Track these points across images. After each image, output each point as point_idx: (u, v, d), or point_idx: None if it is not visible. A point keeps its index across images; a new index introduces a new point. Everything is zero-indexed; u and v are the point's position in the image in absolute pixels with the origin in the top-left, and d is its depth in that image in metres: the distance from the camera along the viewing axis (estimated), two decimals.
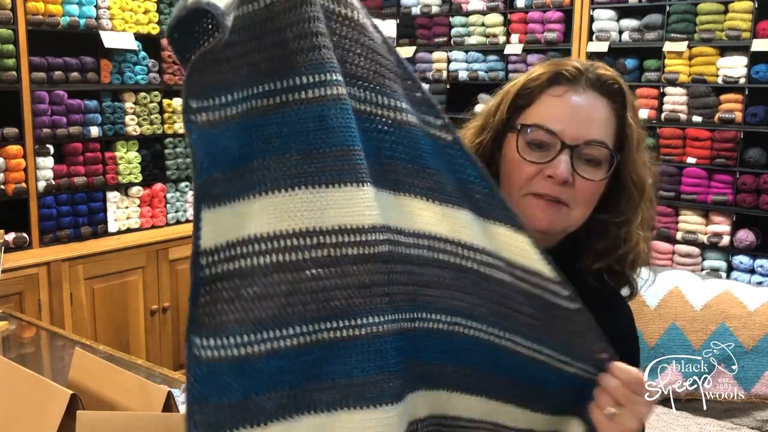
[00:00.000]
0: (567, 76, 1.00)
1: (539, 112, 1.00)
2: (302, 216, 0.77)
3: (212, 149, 0.75)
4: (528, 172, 0.98)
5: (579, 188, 0.97)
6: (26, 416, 1.04)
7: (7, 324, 2.27)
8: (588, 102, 0.99)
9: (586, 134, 0.97)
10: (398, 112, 0.82)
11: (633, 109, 1.02)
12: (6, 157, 3.09)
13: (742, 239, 3.39)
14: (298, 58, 0.77)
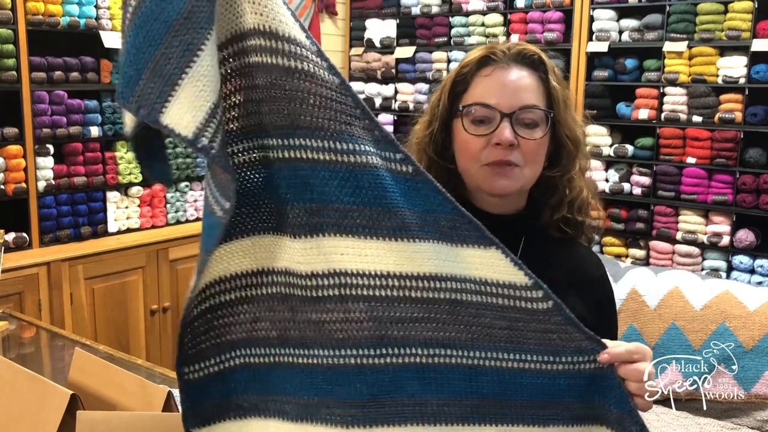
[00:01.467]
0: (493, 58, 1.15)
1: (475, 93, 1.15)
2: (258, 257, 0.94)
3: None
4: (478, 145, 1.12)
5: (524, 149, 1.12)
6: (26, 416, 1.04)
7: (7, 324, 2.26)
8: (515, 75, 1.14)
9: (519, 101, 1.12)
10: (357, 155, 0.86)
11: (555, 74, 1.16)
12: (6, 157, 3.09)
13: (742, 239, 3.39)
14: (233, 125, 0.91)
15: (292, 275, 0.90)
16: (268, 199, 0.91)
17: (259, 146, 0.90)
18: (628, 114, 3.73)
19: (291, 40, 0.84)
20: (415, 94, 4.46)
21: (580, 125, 1.20)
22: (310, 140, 0.86)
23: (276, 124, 0.87)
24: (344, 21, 4.85)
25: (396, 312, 0.88)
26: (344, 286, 0.88)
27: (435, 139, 1.21)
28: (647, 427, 0.91)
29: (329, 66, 0.85)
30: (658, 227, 3.68)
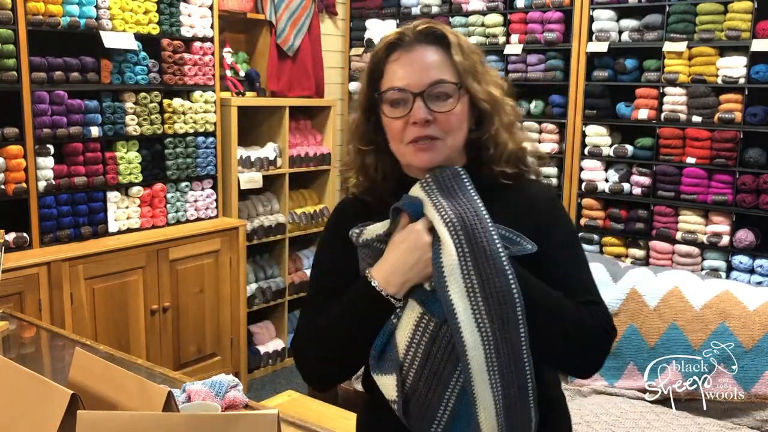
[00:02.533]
0: (399, 43, 1.24)
1: (388, 79, 1.24)
2: None
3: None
4: (398, 126, 1.23)
5: (441, 121, 1.21)
6: (26, 416, 1.04)
7: (7, 324, 2.27)
8: (419, 54, 1.23)
9: (427, 78, 1.21)
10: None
11: (458, 47, 1.24)
12: (6, 157, 3.09)
13: (742, 239, 3.39)
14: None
15: None
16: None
17: None
18: (628, 114, 3.74)
19: None
20: None
21: (496, 83, 1.28)
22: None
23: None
24: (344, 21, 4.86)
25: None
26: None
27: (359, 126, 1.31)
28: (647, 427, 0.91)
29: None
30: (657, 227, 3.68)
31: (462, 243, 1.14)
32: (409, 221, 1.21)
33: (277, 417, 0.97)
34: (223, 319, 3.89)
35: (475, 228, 1.15)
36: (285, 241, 4.31)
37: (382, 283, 1.20)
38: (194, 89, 3.83)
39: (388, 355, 1.19)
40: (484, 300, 1.12)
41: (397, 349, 1.18)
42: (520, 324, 1.13)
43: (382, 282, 1.20)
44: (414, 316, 1.18)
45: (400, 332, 1.19)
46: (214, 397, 1.61)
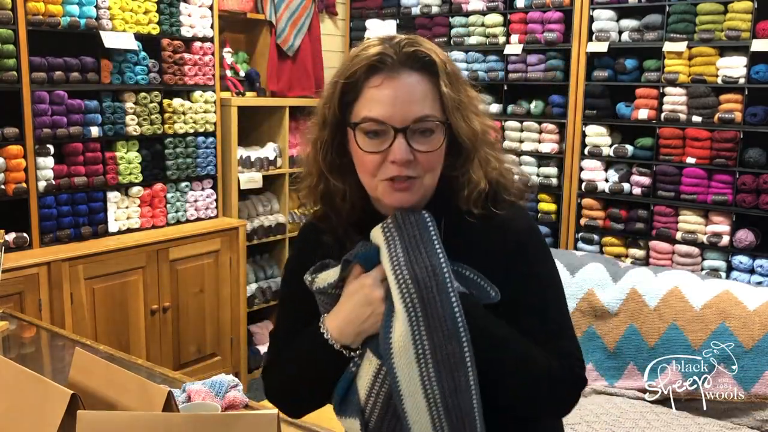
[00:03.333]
0: (380, 66, 1.09)
1: (366, 105, 1.10)
2: None
3: None
4: (374, 162, 1.10)
5: (422, 160, 1.10)
6: (26, 416, 1.04)
7: (7, 324, 2.27)
8: (405, 83, 1.09)
9: (412, 114, 1.08)
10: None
11: (446, 75, 1.11)
12: (6, 157, 3.09)
13: (742, 239, 3.39)
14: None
15: None
16: None
17: None
18: (628, 114, 3.74)
19: None
20: None
21: (478, 113, 1.17)
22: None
23: None
24: (344, 21, 4.86)
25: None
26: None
27: (326, 147, 1.17)
28: (647, 427, 0.91)
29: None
30: (657, 227, 3.68)
31: (415, 307, 1.07)
32: (362, 272, 1.14)
33: (277, 417, 0.97)
34: (223, 319, 3.89)
35: (430, 290, 1.07)
36: (285, 241, 4.31)
37: (335, 334, 1.14)
38: (194, 89, 3.83)
39: (350, 399, 1.17)
40: (434, 366, 1.07)
41: (358, 394, 1.16)
42: (472, 390, 1.08)
43: (335, 334, 1.14)
44: (372, 367, 1.13)
45: (359, 381, 1.16)
46: (214, 397, 1.61)
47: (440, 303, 1.07)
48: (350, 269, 1.15)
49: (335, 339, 1.15)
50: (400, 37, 1.13)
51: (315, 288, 1.19)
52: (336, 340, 1.15)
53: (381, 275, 1.12)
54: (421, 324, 1.07)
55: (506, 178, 1.22)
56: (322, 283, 1.18)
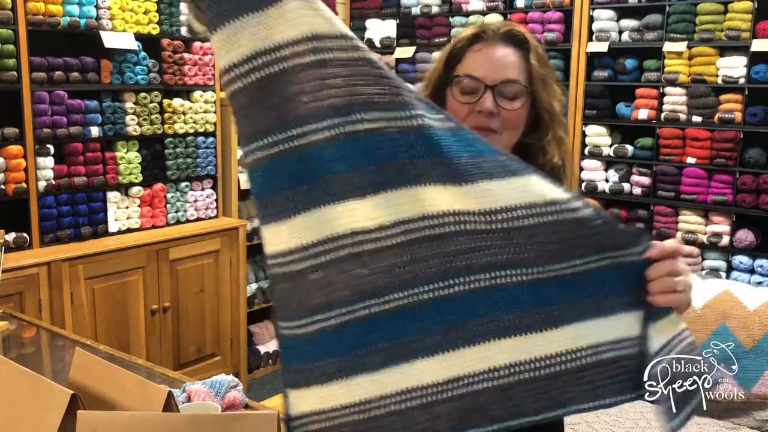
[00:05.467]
0: (482, 36, 1.30)
1: (465, 66, 1.29)
2: (322, 228, 1.03)
3: (263, 181, 1.03)
4: (464, 111, 1.27)
5: (504, 117, 1.26)
6: (26, 416, 1.04)
7: (7, 324, 2.27)
8: (500, 52, 1.28)
9: (501, 75, 1.26)
10: (410, 119, 1.01)
11: (536, 53, 1.29)
12: (6, 157, 3.09)
13: (742, 239, 3.39)
14: (303, 109, 1.01)
15: (359, 233, 1.01)
16: (330, 172, 1.02)
17: (317, 129, 1.01)
18: (628, 114, 3.74)
19: (343, 36, 1.00)
20: None
21: (558, 99, 1.33)
22: (366, 114, 1.00)
23: (334, 105, 1.00)
24: (344, 21, 4.86)
25: (455, 246, 1.01)
26: (407, 231, 1.01)
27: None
28: (647, 428, 0.94)
29: (369, 50, 1.02)
30: (658, 227, 3.68)
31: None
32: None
33: (277, 417, 0.97)
34: (223, 319, 3.89)
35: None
36: None
37: None
38: (194, 89, 3.83)
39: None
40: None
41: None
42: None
43: None
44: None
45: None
46: (214, 397, 1.61)
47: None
48: None
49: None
50: (500, 22, 1.35)
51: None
52: None
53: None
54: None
55: (566, 168, 1.35)
56: None
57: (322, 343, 1.03)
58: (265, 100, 1.03)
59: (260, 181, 1.04)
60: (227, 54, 1.02)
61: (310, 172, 1.02)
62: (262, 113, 1.03)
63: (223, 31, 1.02)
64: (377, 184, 1.01)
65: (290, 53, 1.01)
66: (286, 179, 1.03)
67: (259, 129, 1.03)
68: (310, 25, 1.00)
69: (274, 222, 1.04)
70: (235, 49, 1.02)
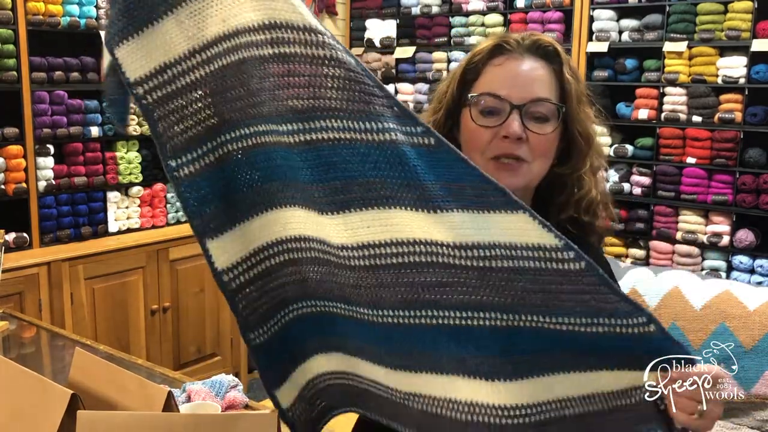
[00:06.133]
0: (505, 47, 1.11)
1: (485, 83, 1.10)
2: (302, 226, 0.97)
3: (200, 192, 0.95)
4: (485, 137, 1.08)
5: (533, 143, 1.07)
6: (26, 416, 1.04)
7: (7, 324, 2.27)
8: (527, 65, 1.09)
9: (530, 94, 1.07)
10: (377, 133, 0.89)
11: (570, 68, 1.12)
12: (6, 157, 3.09)
13: (742, 239, 3.39)
14: (250, 111, 0.93)
15: (327, 245, 0.95)
16: (292, 179, 0.95)
17: (271, 131, 0.93)
18: (628, 114, 3.73)
19: (309, 29, 0.88)
20: (415, 94, 4.46)
21: (593, 121, 1.16)
22: (331, 121, 0.90)
23: (297, 109, 0.91)
24: (344, 21, 4.86)
25: (425, 277, 0.91)
26: (373, 256, 0.92)
27: (438, 128, 1.14)
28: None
29: (344, 48, 0.89)
30: (658, 227, 3.68)
31: None
32: None
33: (277, 417, 0.97)
34: (223, 319, 3.89)
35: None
36: None
37: None
38: None
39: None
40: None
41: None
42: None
43: None
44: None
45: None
46: (214, 397, 1.61)
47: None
48: None
49: None
50: (524, 33, 1.14)
51: None
52: None
53: None
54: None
55: (603, 203, 1.16)
56: None
57: (299, 326, 1.04)
58: (214, 97, 0.93)
59: (204, 191, 0.95)
60: (149, 58, 0.93)
61: (265, 175, 0.95)
62: (205, 113, 0.93)
63: (141, 37, 0.92)
64: (340, 202, 0.93)
65: (244, 42, 0.90)
66: (239, 183, 0.95)
67: (204, 131, 0.94)
68: (270, 12, 0.89)
69: (226, 231, 0.97)
70: (162, 49, 0.92)
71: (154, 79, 0.93)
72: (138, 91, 0.94)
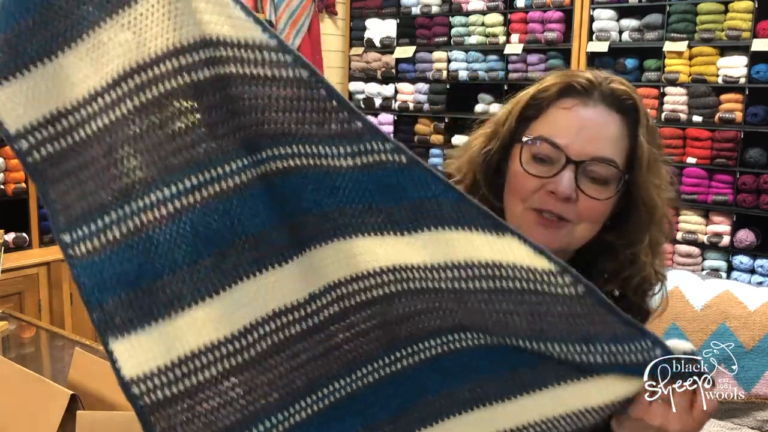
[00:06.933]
0: (578, 89, 0.96)
1: (546, 125, 0.96)
2: (240, 315, 0.76)
3: (101, 277, 0.73)
4: (530, 185, 0.95)
5: (583, 206, 0.94)
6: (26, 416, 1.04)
7: (7, 324, 2.26)
8: (598, 116, 0.95)
9: (593, 150, 0.93)
10: (330, 158, 0.74)
11: (647, 128, 0.97)
12: (6, 157, 3.09)
13: (742, 239, 3.39)
14: (178, 158, 0.73)
15: (287, 312, 0.78)
16: (237, 237, 0.76)
17: (207, 180, 0.74)
18: None
19: (244, 44, 0.71)
20: (415, 94, 4.46)
21: (665, 192, 0.99)
22: (279, 149, 0.73)
23: (238, 142, 0.73)
24: (344, 21, 4.85)
25: (399, 309, 0.79)
26: (342, 297, 0.79)
27: (491, 159, 1.02)
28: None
29: (294, 59, 0.72)
30: None
31: None
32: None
33: None
34: None
35: None
36: None
37: None
38: None
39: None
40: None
41: None
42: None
43: None
44: None
45: None
46: None
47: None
48: None
49: None
50: (611, 75, 1.00)
51: None
52: None
53: None
54: None
55: (661, 279, 1.03)
56: None
57: None
58: (127, 148, 0.73)
59: (106, 274, 0.73)
60: (38, 103, 0.73)
61: (195, 250, 0.74)
62: (114, 171, 0.73)
63: (28, 77, 0.73)
64: (297, 243, 0.77)
65: (166, 71, 0.71)
66: (156, 266, 0.73)
67: (110, 196, 0.73)
68: (194, 28, 0.70)
69: (137, 330, 0.74)
70: (56, 92, 0.73)
71: (44, 130, 0.73)
72: (21, 146, 0.73)
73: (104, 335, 0.74)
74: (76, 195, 0.73)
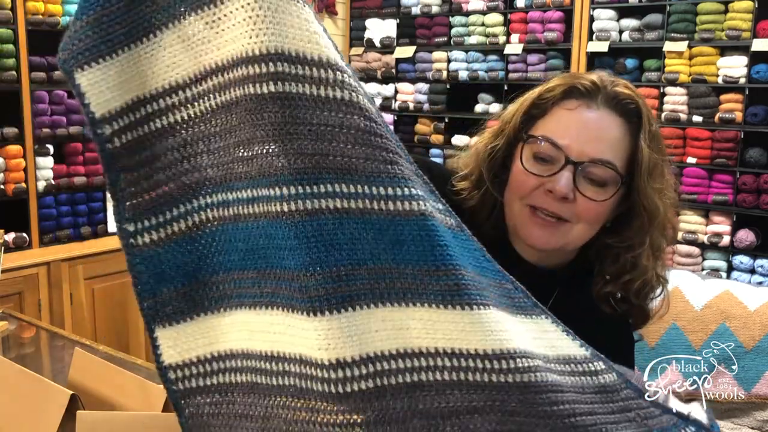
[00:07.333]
0: (582, 90, 0.97)
1: (549, 125, 0.98)
2: (269, 340, 0.71)
3: (159, 267, 0.76)
4: (530, 183, 0.96)
5: (580, 206, 0.95)
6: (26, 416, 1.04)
7: (7, 324, 2.26)
8: (600, 119, 0.96)
9: (592, 152, 0.94)
10: (400, 201, 0.65)
11: (649, 132, 0.97)
12: (6, 157, 3.09)
13: (743, 239, 3.39)
14: (240, 167, 0.69)
15: (310, 365, 0.68)
16: (275, 266, 0.70)
17: (261, 197, 0.69)
18: None
19: (325, 64, 0.64)
20: (415, 94, 4.46)
21: (666, 195, 1.01)
22: (341, 186, 0.65)
23: (296, 168, 0.65)
24: (344, 21, 4.85)
25: (449, 402, 0.68)
26: (381, 374, 0.67)
27: (496, 155, 1.03)
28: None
29: (365, 92, 0.66)
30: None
31: None
32: None
33: None
34: None
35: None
36: None
37: None
38: None
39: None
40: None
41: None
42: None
43: None
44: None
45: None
46: None
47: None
48: None
49: None
50: (617, 79, 1.01)
51: None
52: None
53: None
54: None
55: (663, 284, 1.04)
56: None
57: None
58: (195, 146, 0.72)
59: (165, 266, 0.75)
60: (122, 89, 0.73)
61: (242, 259, 0.71)
62: (182, 167, 0.72)
63: (116, 61, 0.73)
64: (341, 296, 0.66)
65: (239, 77, 0.67)
66: (211, 263, 0.73)
67: (177, 191, 0.72)
68: (276, 38, 0.64)
69: (184, 321, 0.74)
70: (138, 80, 0.72)
71: (126, 117, 0.73)
72: (104, 131, 0.72)
73: (152, 323, 0.76)
74: (147, 185, 0.73)
